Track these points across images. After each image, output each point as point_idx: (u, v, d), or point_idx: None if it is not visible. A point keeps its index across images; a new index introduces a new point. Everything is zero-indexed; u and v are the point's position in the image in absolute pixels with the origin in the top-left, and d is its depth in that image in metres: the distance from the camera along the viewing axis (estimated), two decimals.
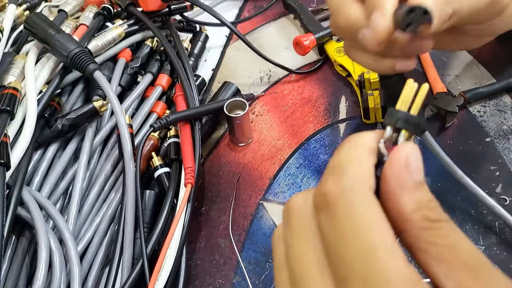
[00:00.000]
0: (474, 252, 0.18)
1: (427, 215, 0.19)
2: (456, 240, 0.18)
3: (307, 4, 0.59)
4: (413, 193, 0.19)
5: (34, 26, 0.43)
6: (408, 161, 0.19)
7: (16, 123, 0.39)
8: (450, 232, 0.19)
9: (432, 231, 0.18)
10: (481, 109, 0.46)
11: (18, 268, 0.35)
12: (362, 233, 0.18)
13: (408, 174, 0.19)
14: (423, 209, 0.19)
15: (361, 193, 0.19)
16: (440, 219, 0.19)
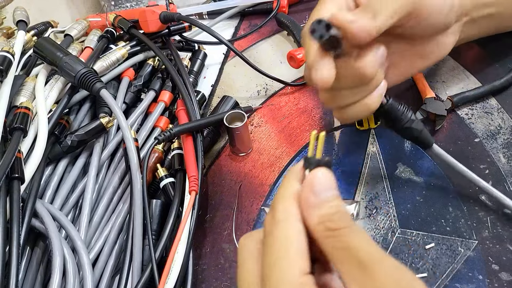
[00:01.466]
0: (367, 249, 0.22)
1: (328, 226, 0.23)
2: (351, 242, 0.23)
3: (299, 21, 0.62)
4: (317, 210, 0.24)
5: (43, 50, 0.45)
6: (313, 186, 0.24)
7: (28, 140, 0.41)
8: (348, 237, 0.23)
9: (332, 238, 0.23)
10: (469, 112, 0.48)
11: (33, 277, 0.36)
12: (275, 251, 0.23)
13: (313, 196, 0.24)
14: (325, 221, 0.23)
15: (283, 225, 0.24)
16: (339, 227, 0.23)
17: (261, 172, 0.47)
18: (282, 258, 0.23)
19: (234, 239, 0.42)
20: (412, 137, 0.40)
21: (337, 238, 0.23)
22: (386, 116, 0.40)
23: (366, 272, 0.21)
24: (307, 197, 0.24)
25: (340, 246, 0.23)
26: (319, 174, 0.25)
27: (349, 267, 0.22)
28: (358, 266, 0.22)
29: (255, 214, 0.44)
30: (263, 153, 0.49)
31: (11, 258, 0.33)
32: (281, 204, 0.25)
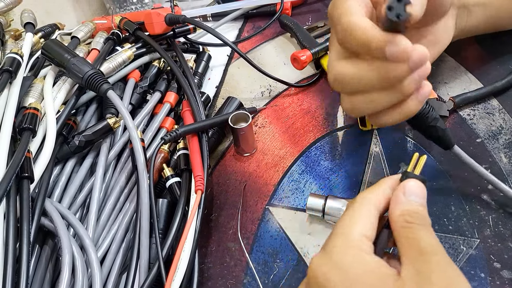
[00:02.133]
0: (430, 242, 0.28)
1: (407, 219, 0.29)
2: (420, 235, 0.28)
3: (303, 23, 0.63)
4: (402, 206, 0.30)
5: (51, 52, 0.46)
6: (405, 188, 0.30)
7: (37, 140, 0.42)
8: (419, 230, 0.28)
9: (407, 228, 0.29)
10: (471, 112, 0.49)
11: (43, 274, 0.37)
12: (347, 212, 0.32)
13: (402, 195, 0.30)
14: (405, 215, 0.29)
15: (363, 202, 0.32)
16: (414, 222, 0.29)
17: (266, 172, 0.48)
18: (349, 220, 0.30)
19: (239, 238, 0.43)
20: (435, 136, 0.40)
21: (411, 229, 0.28)
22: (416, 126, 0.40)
23: (423, 257, 0.27)
24: (398, 195, 0.30)
25: (411, 236, 0.28)
26: (413, 183, 0.31)
27: (411, 252, 0.27)
28: (419, 252, 0.27)
29: (259, 213, 0.45)
30: (267, 153, 0.49)
31: (22, 255, 0.34)
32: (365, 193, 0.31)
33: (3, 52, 0.49)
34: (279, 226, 0.43)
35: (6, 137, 0.39)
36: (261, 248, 0.42)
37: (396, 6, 0.30)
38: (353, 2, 0.35)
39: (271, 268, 0.41)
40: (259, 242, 0.43)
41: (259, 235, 0.43)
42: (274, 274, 0.40)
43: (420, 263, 0.26)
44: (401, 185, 0.31)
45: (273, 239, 0.43)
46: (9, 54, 0.44)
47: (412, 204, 0.30)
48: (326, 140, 0.49)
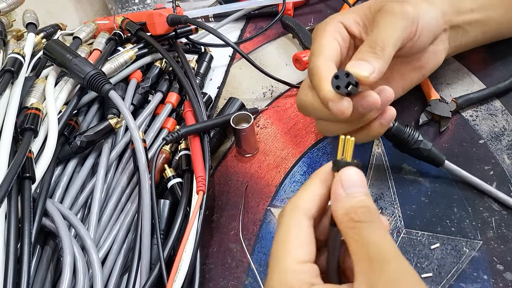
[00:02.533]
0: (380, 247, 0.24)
1: (352, 217, 0.25)
2: (368, 237, 0.24)
3: (305, 24, 0.63)
4: (344, 203, 0.26)
5: (53, 52, 0.46)
6: (343, 181, 0.26)
7: (38, 140, 0.42)
8: (366, 231, 0.24)
9: (353, 229, 0.25)
10: (473, 113, 0.49)
11: (44, 275, 0.37)
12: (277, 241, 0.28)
13: (342, 190, 0.26)
14: (350, 213, 0.25)
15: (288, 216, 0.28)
16: (360, 220, 0.25)
17: (267, 173, 0.48)
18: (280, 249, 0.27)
19: (241, 239, 0.43)
20: (422, 157, 0.42)
21: (357, 230, 0.25)
22: (394, 139, 0.42)
23: (374, 268, 0.23)
24: (336, 191, 0.26)
25: (357, 239, 0.24)
26: (349, 171, 0.27)
27: (360, 260, 0.24)
28: (368, 261, 0.23)
29: (261, 214, 0.44)
30: (269, 154, 0.49)
31: (23, 256, 0.34)
32: (293, 199, 0.28)
33: (5, 52, 0.48)
34: None
35: (8, 137, 0.39)
36: (262, 249, 0.42)
37: (342, 78, 0.33)
38: (328, 39, 0.39)
39: None
40: (261, 243, 0.42)
41: (261, 236, 0.43)
42: None
43: (371, 274, 0.23)
44: (337, 178, 0.27)
45: None
46: (11, 54, 0.44)
47: (354, 197, 0.26)
48: (328, 141, 0.49)
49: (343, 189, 0.26)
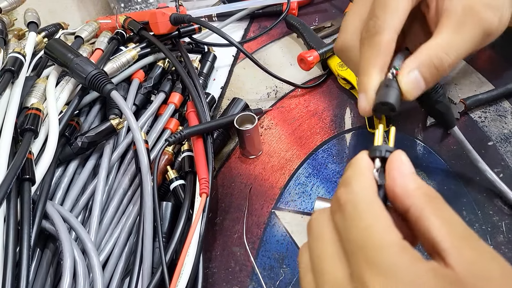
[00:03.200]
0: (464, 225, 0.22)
1: (426, 192, 0.23)
2: (449, 215, 0.23)
3: (309, 23, 0.62)
4: (413, 177, 0.24)
5: (54, 51, 0.45)
6: (403, 159, 0.25)
7: (39, 141, 0.41)
8: (444, 207, 0.23)
9: (433, 204, 0.23)
10: (482, 114, 0.48)
11: (43, 279, 0.36)
12: (363, 218, 0.23)
13: (405, 166, 0.25)
14: (422, 187, 0.23)
15: (363, 194, 0.24)
16: (437, 196, 0.23)
17: (271, 175, 0.47)
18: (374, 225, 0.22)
19: (245, 242, 0.42)
20: (439, 113, 0.40)
21: (436, 206, 0.23)
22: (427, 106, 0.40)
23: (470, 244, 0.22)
24: (400, 166, 0.25)
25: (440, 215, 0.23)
26: (403, 153, 0.25)
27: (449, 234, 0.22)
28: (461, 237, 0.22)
29: (265, 217, 0.44)
30: (273, 156, 0.48)
31: (22, 259, 0.33)
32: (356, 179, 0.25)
33: (6, 52, 0.48)
34: (286, 231, 0.42)
35: (8, 138, 0.38)
36: (267, 253, 0.41)
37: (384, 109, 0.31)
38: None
39: (277, 273, 0.40)
40: (265, 247, 0.42)
41: (265, 240, 0.42)
42: (280, 280, 0.39)
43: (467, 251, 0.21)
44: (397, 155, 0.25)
45: (279, 244, 0.42)
46: (11, 54, 0.43)
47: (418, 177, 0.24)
48: (334, 142, 0.48)
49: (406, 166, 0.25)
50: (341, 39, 0.37)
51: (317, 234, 0.25)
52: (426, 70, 0.32)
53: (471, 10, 0.32)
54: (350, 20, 0.37)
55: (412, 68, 0.32)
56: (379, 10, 0.34)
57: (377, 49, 0.33)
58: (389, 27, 0.33)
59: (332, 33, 0.61)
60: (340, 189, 0.25)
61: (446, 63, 0.32)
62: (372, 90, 0.32)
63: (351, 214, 0.23)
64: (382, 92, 0.31)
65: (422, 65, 0.32)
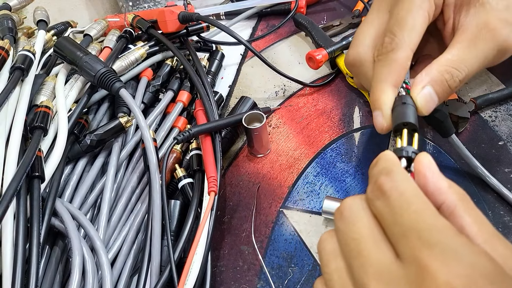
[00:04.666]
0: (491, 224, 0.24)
1: (458, 190, 0.25)
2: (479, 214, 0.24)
3: (318, 22, 0.61)
4: (443, 177, 0.25)
5: (63, 49, 0.45)
6: (431, 159, 0.26)
7: (48, 139, 0.41)
8: (473, 206, 0.24)
9: (464, 202, 0.24)
10: (492, 114, 0.47)
11: (52, 276, 0.36)
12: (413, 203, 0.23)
13: (435, 166, 0.26)
14: (454, 186, 0.25)
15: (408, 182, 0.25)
16: (466, 195, 0.25)
17: (280, 174, 0.47)
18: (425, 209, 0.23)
19: (253, 241, 0.42)
20: (437, 121, 0.40)
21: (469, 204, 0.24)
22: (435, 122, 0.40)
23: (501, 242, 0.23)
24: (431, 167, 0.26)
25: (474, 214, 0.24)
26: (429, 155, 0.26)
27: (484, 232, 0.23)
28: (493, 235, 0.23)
29: (273, 216, 0.43)
30: (282, 155, 0.48)
31: (31, 256, 0.33)
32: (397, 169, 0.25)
33: (16, 50, 0.48)
34: (294, 230, 0.42)
35: (17, 135, 0.38)
36: (275, 252, 0.41)
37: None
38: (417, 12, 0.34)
39: (286, 273, 0.40)
40: (273, 246, 0.41)
41: (273, 239, 0.42)
42: (288, 279, 0.39)
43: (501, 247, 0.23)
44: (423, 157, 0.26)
45: (287, 243, 0.41)
46: (21, 52, 0.44)
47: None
48: (342, 141, 0.48)
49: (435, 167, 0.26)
50: (354, 52, 0.37)
51: (352, 219, 0.25)
52: (438, 86, 0.32)
53: (486, 26, 0.32)
54: (364, 33, 0.37)
55: (425, 83, 0.32)
56: (396, 26, 0.33)
57: (393, 66, 0.33)
58: (405, 45, 0.33)
59: (341, 31, 0.61)
60: (381, 177, 0.25)
61: (457, 78, 0.32)
62: (388, 108, 0.32)
63: (398, 200, 0.23)
64: (400, 110, 0.32)
65: (434, 80, 0.32)
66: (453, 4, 0.35)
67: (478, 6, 0.33)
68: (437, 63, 0.33)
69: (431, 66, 0.33)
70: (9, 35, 0.48)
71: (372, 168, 0.27)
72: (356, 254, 0.24)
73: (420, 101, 0.32)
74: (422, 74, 0.33)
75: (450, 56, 0.33)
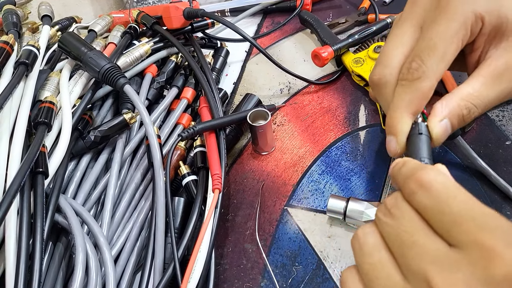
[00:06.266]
0: None
1: None
2: None
3: (323, 19, 0.61)
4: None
5: (68, 45, 0.45)
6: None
7: (52, 134, 0.41)
8: None
9: None
10: (500, 113, 0.47)
11: (56, 272, 0.36)
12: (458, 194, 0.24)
13: None
14: None
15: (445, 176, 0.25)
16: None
17: (284, 172, 0.46)
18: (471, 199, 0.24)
19: (257, 239, 0.41)
20: None
21: None
22: None
23: None
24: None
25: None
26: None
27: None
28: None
29: (278, 214, 0.43)
30: (286, 152, 0.48)
31: (35, 252, 0.33)
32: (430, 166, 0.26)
33: (20, 45, 0.48)
34: (298, 228, 0.42)
35: (21, 131, 0.38)
36: (279, 251, 0.41)
37: None
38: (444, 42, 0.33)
39: (290, 271, 0.39)
40: (277, 244, 0.41)
41: (277, 237, 0.42)
42: (292, 278, 0.39)
43: None
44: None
45: (291, 241, 0.41)
46: (25, 47, 0.43)
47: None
48: (348, 139, 0.48)
49: None
50: (379, 72, 0.36)
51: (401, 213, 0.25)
52: (455, 119, 0.32)
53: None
54: (393, 52, 0.35)
55: (443, 116, 0.32)
56: (426, 52, 0.32)
57: (415, 95, 0.32)
58: (432, 74, 0.32)
59: (347, 29, 0.60)
60: (418, 172, 0.25)
61: (473, 114, 0.32)
62: (403, 136, 0.32)
63: (442, 191, 0.24)
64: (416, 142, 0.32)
65: (451, 114, 0.32)
66: (487, 33, 0.33)
67: (511, 41, 0.32)
68: (458, 96, 0.32)
69: (452, 98, 0.32)
70: (13, 30, 0.48)
71: (400, 169, 0.27)
72: (410, 244, 0.24)
73: (436, 133, 0.32)
74: (443, 104, 0.32)
75: (471, 90, 0.32)
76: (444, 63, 0.32)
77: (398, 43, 0.35)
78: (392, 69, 0.35)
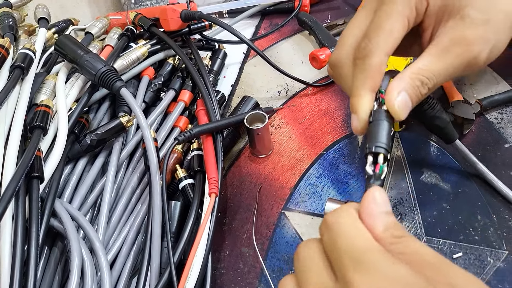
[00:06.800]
0: (434, 254, 0.24)
1: (393, 233, 0.25)
2: (418, 247, 0.25)
3: (321, 21, 0.61)
4: (381, 219, 0.26)
5: (64, 47, 0.45)
6: (375, 198, 0.26)
7: (48, 138, 0.41)
8: (412, 242, 0.25)
9: (399, 244, 0.25)
10: (498, 116, 0.46)
11: (51, 277, 0.36)
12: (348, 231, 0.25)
13: (375, 206, 0.26)
14: (389, 229, 0.25)
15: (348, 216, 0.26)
16: (403, 234, 0.25)
17: (282, 175, 0.46)
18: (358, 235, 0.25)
19: (254, 243, 0.41)
20: (438, 128, 0.40)
21: (404, 243, 0.25)
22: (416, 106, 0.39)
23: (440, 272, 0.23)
24: (370, 207, 0.27)
25: (409, 251, 0.25)
26: (381, 189, 0.27)
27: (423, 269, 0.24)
28: (433, 268, 0.24)
29: (275, 217, 0.43)
30: (284, 155, 0.48)
31: (30, 257, 0.33)
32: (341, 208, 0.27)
33: (16, 48, 0.48)
34: (295, 232, 0.42)
35: (17, 135, 0.38)
36: (276, 255, 0.40)
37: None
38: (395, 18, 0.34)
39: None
40: (274, 248, 0.41)
41: (274, 241, 0.41)
42: None
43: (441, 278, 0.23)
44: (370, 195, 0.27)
45: (289, 245, 0.41)
46: (21, 50, 0.43)
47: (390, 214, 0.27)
48: (345, 142, 0.48)
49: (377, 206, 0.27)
50: (335, 54, 0.38)
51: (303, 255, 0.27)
52: (411, 92, 0.33)
53: (460, 42, 0.33)
54: (348, 35, 0.37)
55: (400, 90, 0.33)
56: (373, 31, 0.34)
57: (368, 72, 0.34)
58: (379, 50, 0.34)
59: None
60: (329, 214, 0.27)
61: (427, 86, 0.33)
62: (363, 112, 0.33)
63: (337, 230, 0.26)
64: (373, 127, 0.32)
65: (406, 86, 0.33)
66: (435, 14, 0.35)
67: (458, 19, 0.33)
68: (409, 71, 0.34)
69: (404, 73, 0.34)
70: (9, 33, 0.48)
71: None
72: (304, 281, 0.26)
73: (398, 106, 0.33)
74: (396, 80, 0.33)
75: (421, 65, 0.33)
76: (392, 39, 0.34)
77: (354, 27, 0.37)
78: (347, 51, 0.36)
